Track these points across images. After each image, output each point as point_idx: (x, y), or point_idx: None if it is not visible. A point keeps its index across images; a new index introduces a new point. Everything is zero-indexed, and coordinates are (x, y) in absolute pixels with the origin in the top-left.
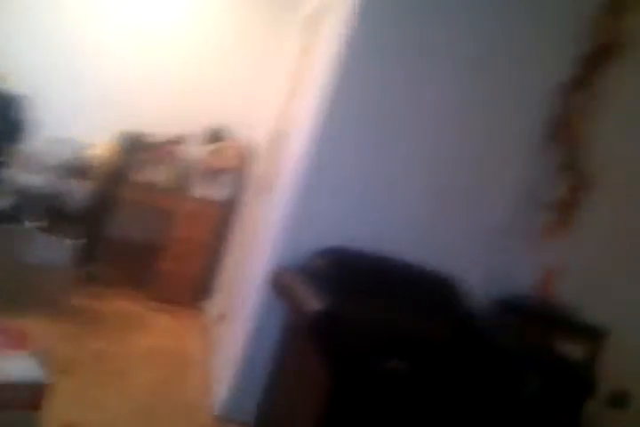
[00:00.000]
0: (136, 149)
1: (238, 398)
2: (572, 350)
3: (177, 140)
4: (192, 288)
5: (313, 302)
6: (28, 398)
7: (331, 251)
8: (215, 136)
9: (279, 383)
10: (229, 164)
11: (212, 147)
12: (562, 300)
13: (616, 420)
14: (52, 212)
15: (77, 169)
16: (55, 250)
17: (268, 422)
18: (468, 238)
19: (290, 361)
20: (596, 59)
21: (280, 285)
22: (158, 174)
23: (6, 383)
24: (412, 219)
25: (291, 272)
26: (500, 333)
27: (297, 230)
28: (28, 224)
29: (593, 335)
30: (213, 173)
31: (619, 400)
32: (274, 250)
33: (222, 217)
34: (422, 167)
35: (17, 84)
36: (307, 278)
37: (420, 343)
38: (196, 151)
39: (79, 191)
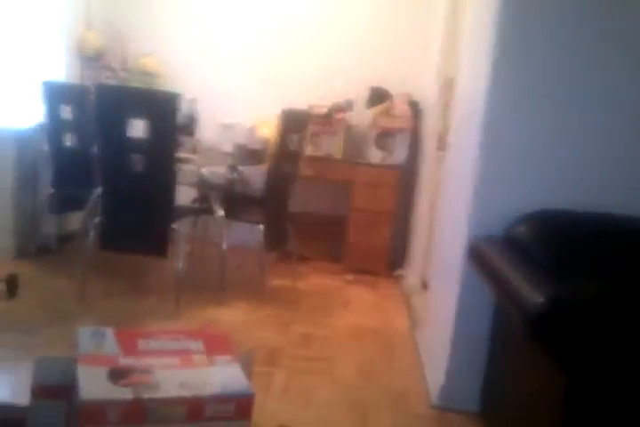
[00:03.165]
0: (303, 123)
1: (457, 384)
2: None
3: (343, 108)
4: (385, 257)
5: (529, 291)
6: (235, 409)
7: (536, 215)
8: (379, 96)
9: (502, 369)
10: (400, 123)
11: (378, 108)
12: None
13: None
14: (236, 197)
15: (251, 152)
16: (247, 234)
17: (497, 413)
18: None
19: (510, 348)
20: None
21: (481, 260)
22: (331, 145)
23: (212, 396)
24: (628, 166)
25: (492, 244)
26: None
27: (491, 194)
28: (217, 213)
29: None
30: (386, 136)
31: None
32: (469, 217)
33: (404, 181)
34: (629, 102)
35: (172, 82)
36: (512, 253)
37: None
38: (364, 115)
39: (257, 174)
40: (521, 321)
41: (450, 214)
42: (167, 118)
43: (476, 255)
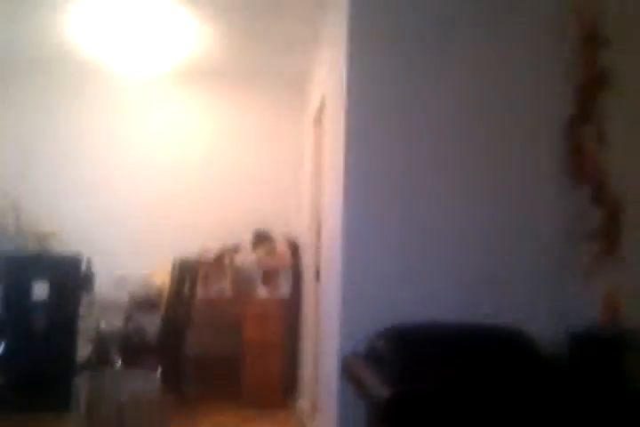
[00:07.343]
0: (194, 270)
1: None
2: None
3: (230, 251)
4: (280, 388)
5: (379, 390)
6: None
7: (389, 331)
8: (262, 238)
9: None
10: (282, 261)
11: (263, 248)
12: (633, 325)
13: None
14: (132, 347)
15: (145, 301)
16: (144, 383)
17: None
18: (523, 282)
19: None
20: (590, 90)
21: (350, 374)
22: (222, 286)
23: None
24: (461, 277)
25: (356, 358)
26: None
27: (355, 316)
28: (113, 365)
29: None
30: (271, 273)
31: None
32: (338, 338)
33: (290, 314)
34: (456, 224)
35: (66, 241)
36: (371, 365)
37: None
38: (250, 256)
39: (152, 322)
40: (374, 414)
41: (325, 336)
42: (70, 280)
43: (345, 369)
